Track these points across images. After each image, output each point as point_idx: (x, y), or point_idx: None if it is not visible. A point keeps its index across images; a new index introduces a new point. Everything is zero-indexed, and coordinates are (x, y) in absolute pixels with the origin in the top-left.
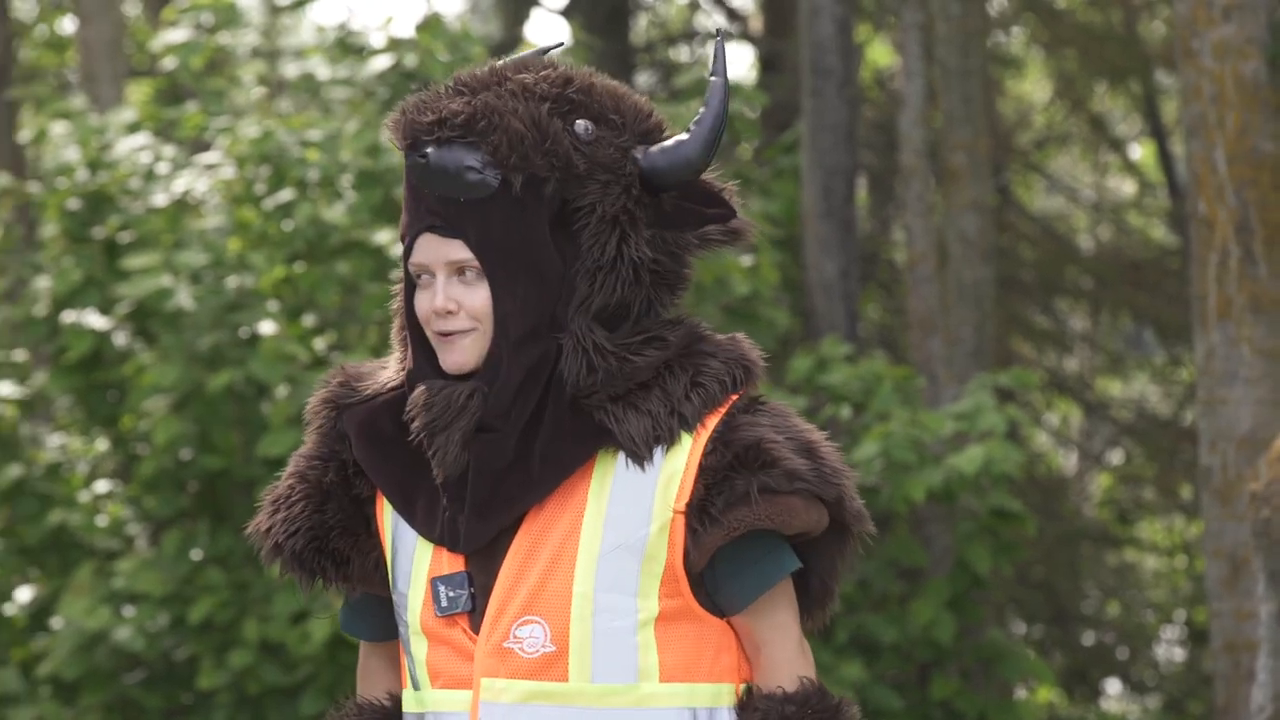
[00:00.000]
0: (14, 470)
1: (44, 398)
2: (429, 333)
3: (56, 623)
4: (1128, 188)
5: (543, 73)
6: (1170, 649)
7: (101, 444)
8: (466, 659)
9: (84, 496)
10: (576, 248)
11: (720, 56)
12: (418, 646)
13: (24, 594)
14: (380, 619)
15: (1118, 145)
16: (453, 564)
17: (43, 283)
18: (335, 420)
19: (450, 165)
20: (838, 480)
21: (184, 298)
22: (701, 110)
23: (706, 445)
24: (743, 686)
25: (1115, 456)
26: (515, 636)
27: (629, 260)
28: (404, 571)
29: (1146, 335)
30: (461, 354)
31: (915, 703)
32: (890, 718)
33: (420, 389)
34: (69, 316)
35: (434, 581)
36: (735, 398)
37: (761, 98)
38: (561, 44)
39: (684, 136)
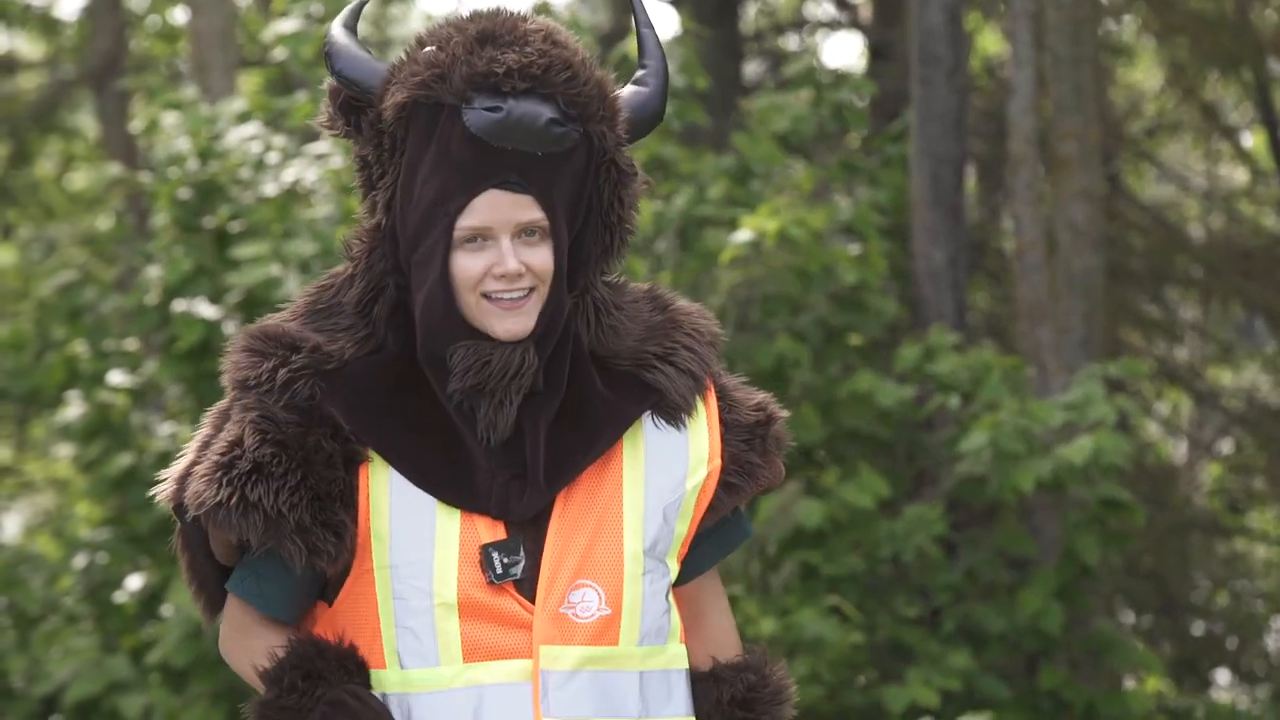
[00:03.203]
0: (125, 459)
1: (155, 386)
2: (471, 295)
3: (166, 610)
4: (1239, 176)
5: (543, 22)
6: None
7: None
8: (516, 628)
9: None
10: (592, 203)
11: (641, 8)
12: (444, 619)
13: (134, 582)
14: (298, 599)
15: (1229, 133)
16: (493, 531)
17: (154, 272)
18: (314, 386)
19: (531, 117)
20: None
21: (293, 287)
22: (647, 63)
23: (719, 402)
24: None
25: (1225, 446)
26: (569, 602)
27: (624, 214)
28: (415, 540)
29: (1257, 324)
30: (525, 319)
31: (1023, 692)
32: (998, 707)
33: (463, 350)
34: (179, 306)
35: (486, 549)
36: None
37: (870, 86)
38: None
39: (643, 90)
